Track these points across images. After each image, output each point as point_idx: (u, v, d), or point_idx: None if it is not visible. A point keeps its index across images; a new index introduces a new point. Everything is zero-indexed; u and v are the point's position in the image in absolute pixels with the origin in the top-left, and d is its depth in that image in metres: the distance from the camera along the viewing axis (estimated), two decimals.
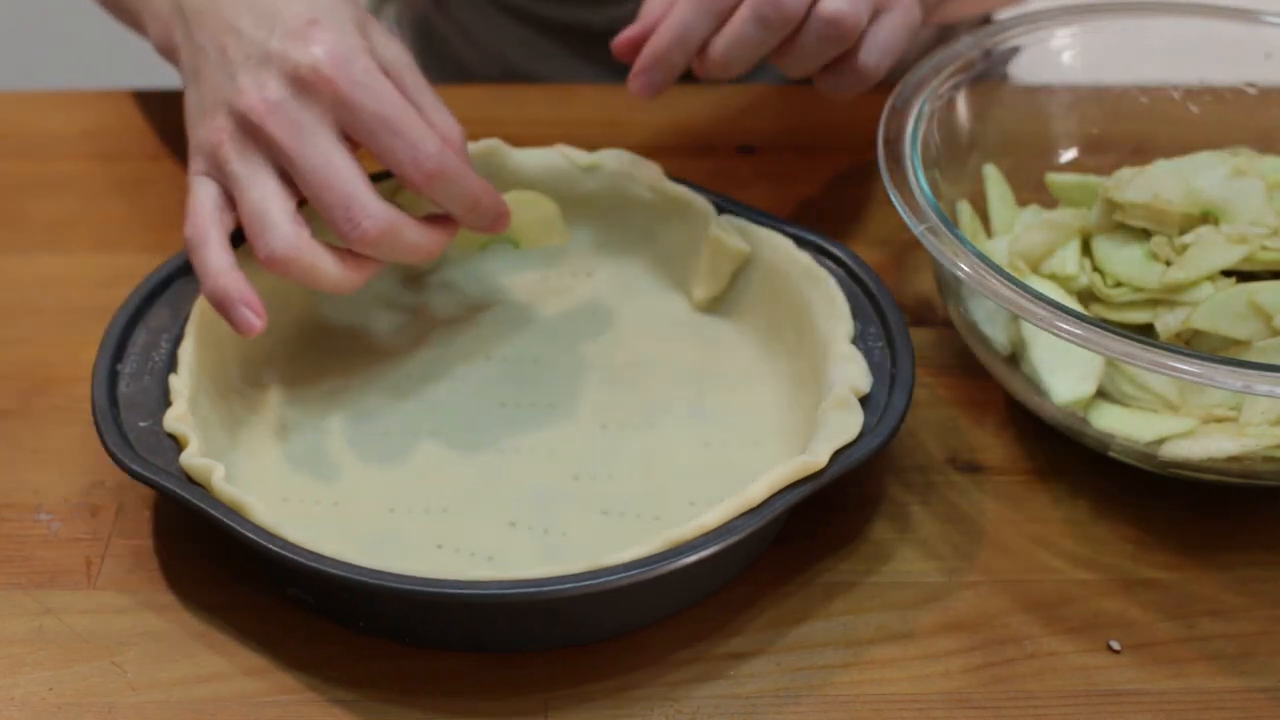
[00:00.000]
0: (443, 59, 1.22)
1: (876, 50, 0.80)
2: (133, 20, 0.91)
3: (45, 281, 0.88)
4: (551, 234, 0.86)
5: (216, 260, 0.74)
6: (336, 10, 0.77)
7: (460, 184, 0.76)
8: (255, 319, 0.73)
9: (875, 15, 0.80)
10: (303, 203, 0.75)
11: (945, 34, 1.15)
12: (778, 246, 0.81)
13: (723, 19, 0.79)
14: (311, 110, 0.74)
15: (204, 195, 0.76)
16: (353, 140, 0.75)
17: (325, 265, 0.74)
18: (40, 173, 0.96)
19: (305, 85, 0.74)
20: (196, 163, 0.77)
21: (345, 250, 0.75)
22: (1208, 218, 0.79)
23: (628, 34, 0.82)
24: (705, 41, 0.80)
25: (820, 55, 0.79)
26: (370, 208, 0.74)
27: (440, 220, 0.77)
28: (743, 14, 0.78)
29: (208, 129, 0.76)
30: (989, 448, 0.80)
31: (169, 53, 0.84)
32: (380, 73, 0.75)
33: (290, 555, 0.66)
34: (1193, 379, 0.68)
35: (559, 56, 1.15)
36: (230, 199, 0.76)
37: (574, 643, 0.70)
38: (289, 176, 0.75)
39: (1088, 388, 0.75)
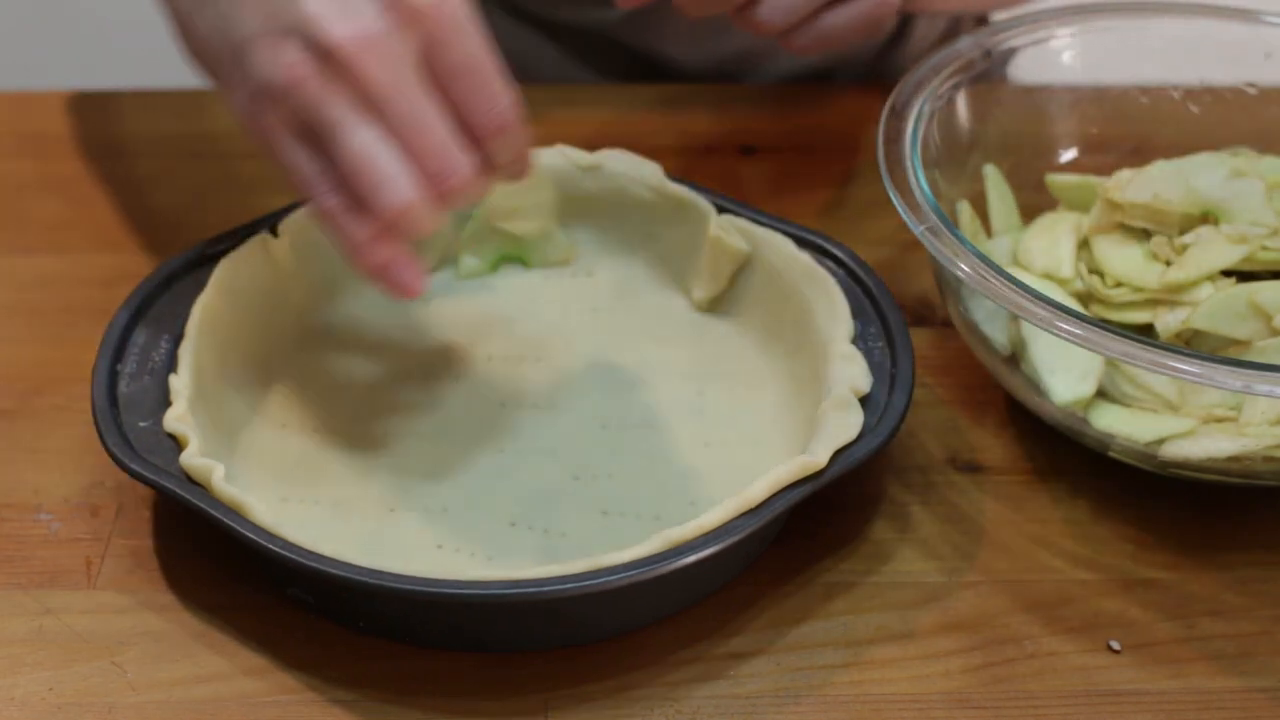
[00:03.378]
0: None
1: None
2: None
3: (45, 281, 0.88)
4: (558, 252, 0.86)
5: (365, 229, 0.67)
6: None
7: (518, 138, 0.69)
8: (418, 277, 0.68)
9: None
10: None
11: (947, 34, 1.15)
12: (778, 246, 0.81)
13: None
14: (405, 44, 0.65)
15: (298, 155, 0.67)
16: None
17: (431, 214, 0.67)
18: (41, 173, 0.96)
19: (406, 18, 0.65)
20: (261, 113, 0.67)
21: None
22: (1208, 218, 0.79)
23: None
24: None
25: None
26: (460, 156, 0.67)
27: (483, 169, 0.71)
28: None
29: (266, 64, 0.66)
30: (989, 448, 0.80)
31: None
32: (471, 9, 0.67)
33: (290, 555, 0.66)
34: (1193, 379, 0.68)
35: (559, 56, 1.15)
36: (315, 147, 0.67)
37: (574, 643, 0.70)
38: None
39: (1088, 388, 0.75)
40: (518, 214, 0.86)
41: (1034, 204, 0.86)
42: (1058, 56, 0.90)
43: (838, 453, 0.70)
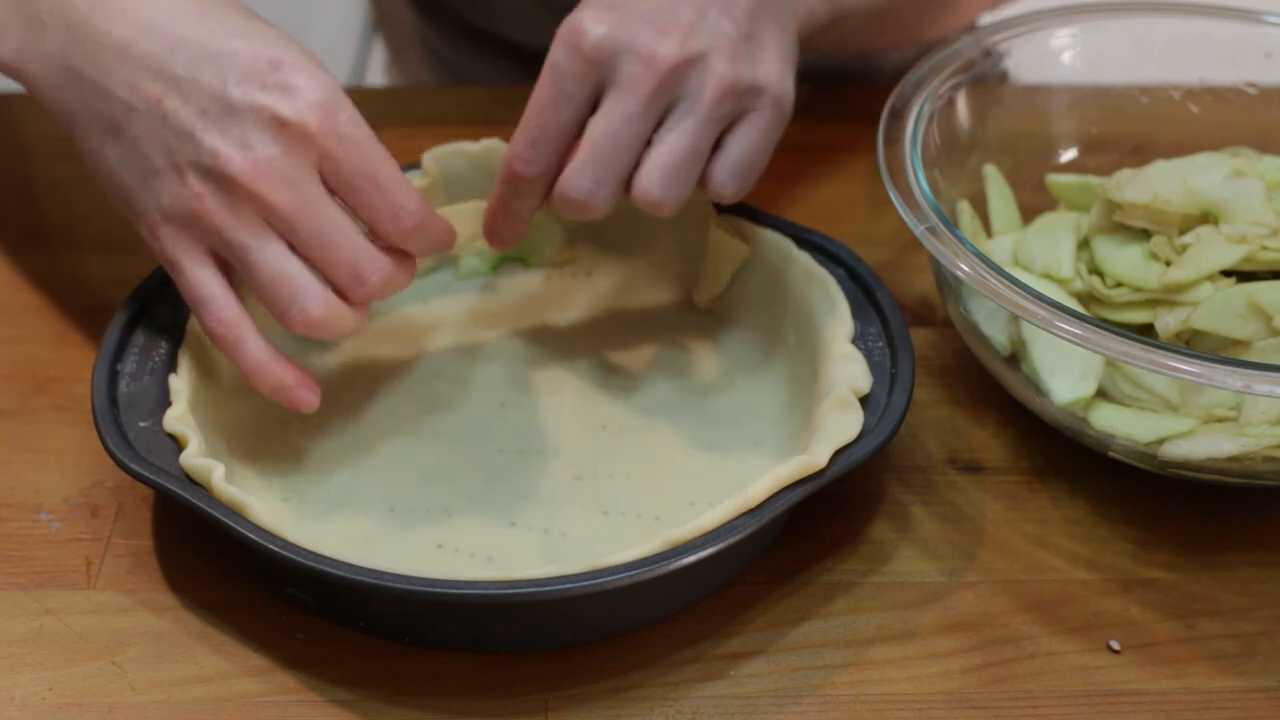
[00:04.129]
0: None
1: (726, 170, 0.75)
2: None
3: (46, 281, 0.88)
4: (558, 252, 0.86)
5: (261, 351, 0.71)
6: (288, 44, 0.71)
7: (431, 231, 0.73)
8: (315, 395, 0.73)
9: (732, 125, 0.75)
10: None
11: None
12: (778, 246, 0.81)
13: (538, 194, 0.77)
14: (301, 164, 0.69)
15: (207, 277, 0.71)
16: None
17: (348, 317, 0.72)
18: (41, 173, 0.96)
19: (293, 138, 0.69)
20: (169, 236, 0.71)
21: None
22: (1208, 218, 0.79)
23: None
24: (530, 210, 0.77)
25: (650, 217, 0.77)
26: (375, 260, 0.71)
27: (401, 252, 0.74)
28: (553, 200, 0.76)
29: (172, 195, 0.70)
30: (989, 448, 0.80)
31: (22, 76, 0.74)
32: (361, 119, 0.71)
33: (290, 555, 0.66)
34: (1193, 379, 0.68)
35: None
36: (225, 270, 0.71)
37: (574, 643, 0.70)
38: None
39: (1088, 388, 0.75)
40: (534, 249, 0.86)
41: (1034, 204, 0.86)
42: (1058, 56, 0.90)
43: (838, 453, 0.70)
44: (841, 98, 1.02)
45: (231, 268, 0.72)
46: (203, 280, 0.71)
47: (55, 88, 0.72)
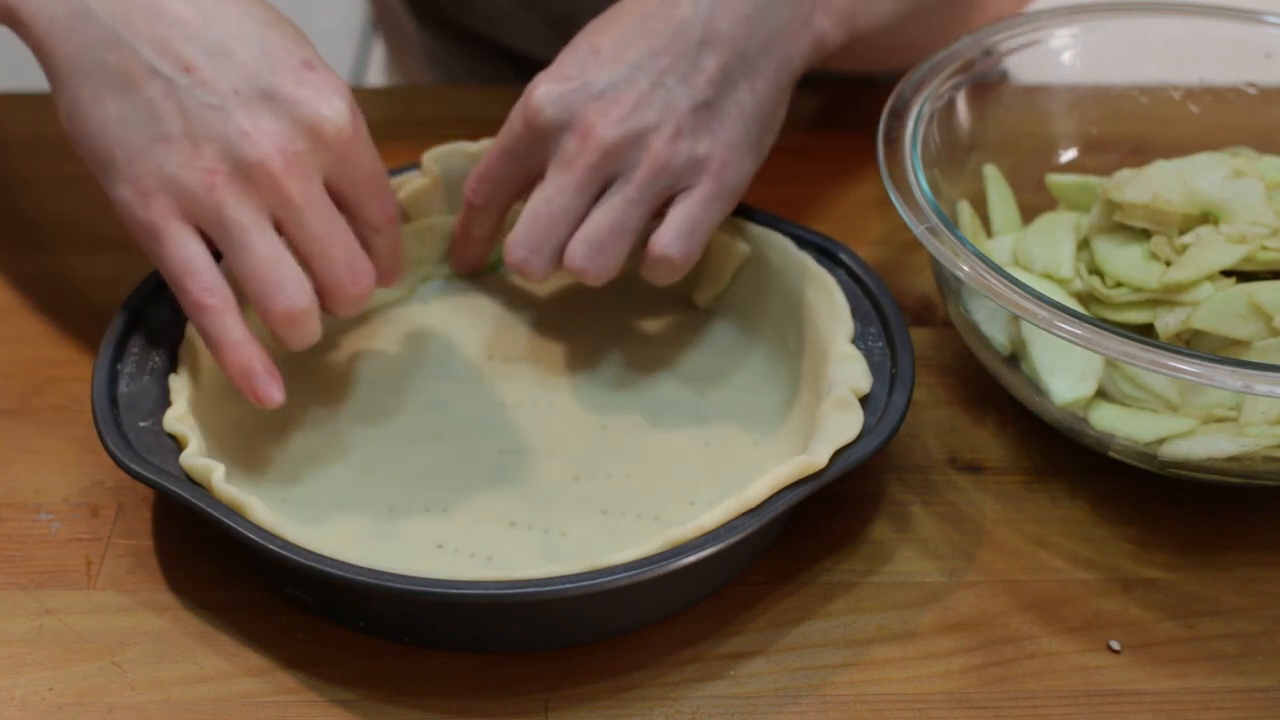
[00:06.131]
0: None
1: (668, 235, 0.77)
2: None
3: (45, 281, 0.88)
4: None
5: (237, 328, 0.71)
6: (310, 45, 0.73)
7: (395, 235, 0.77)
8: (279, 390, 0.72)
9: (674, 197, 0.77)
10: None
11: None
12: (778, 246, 0.81)
13: (497, 219, 0.82)
14: (319, 163, 0.71)
15: (194, 247, 0.70)
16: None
17: (317, 323, 0.73)
18: (42, 173, 0.96)
19: (320, 138, 0.71)
20: (162, 203, 0.70)
21: None
22: (1208, 218, 0.79)
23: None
24: (491, 230, 0.82)
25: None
26: (364, 266, 0.74)
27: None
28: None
29: (181, 164, 0.69)
30: (989, 448, 0.80)
31: (18, 12, 0.71)
32: (364, 124, 0.73)
33: (290, 555, 0.66)
34: (1193, 379, 0.68)
35: None
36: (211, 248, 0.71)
37: (574, 643, 0.70)
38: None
39: (1088, 388, 0.75)
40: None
41: (1034, 204, 0.86)
42: (1058, 56, 0.90)
43: (838, 453, 0.70)
44: (841, 99, 1.02)
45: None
46: (190, 251, 0.70)
47: (60, 26, 0.71)
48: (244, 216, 0.70)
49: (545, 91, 0.77)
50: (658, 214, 0.78)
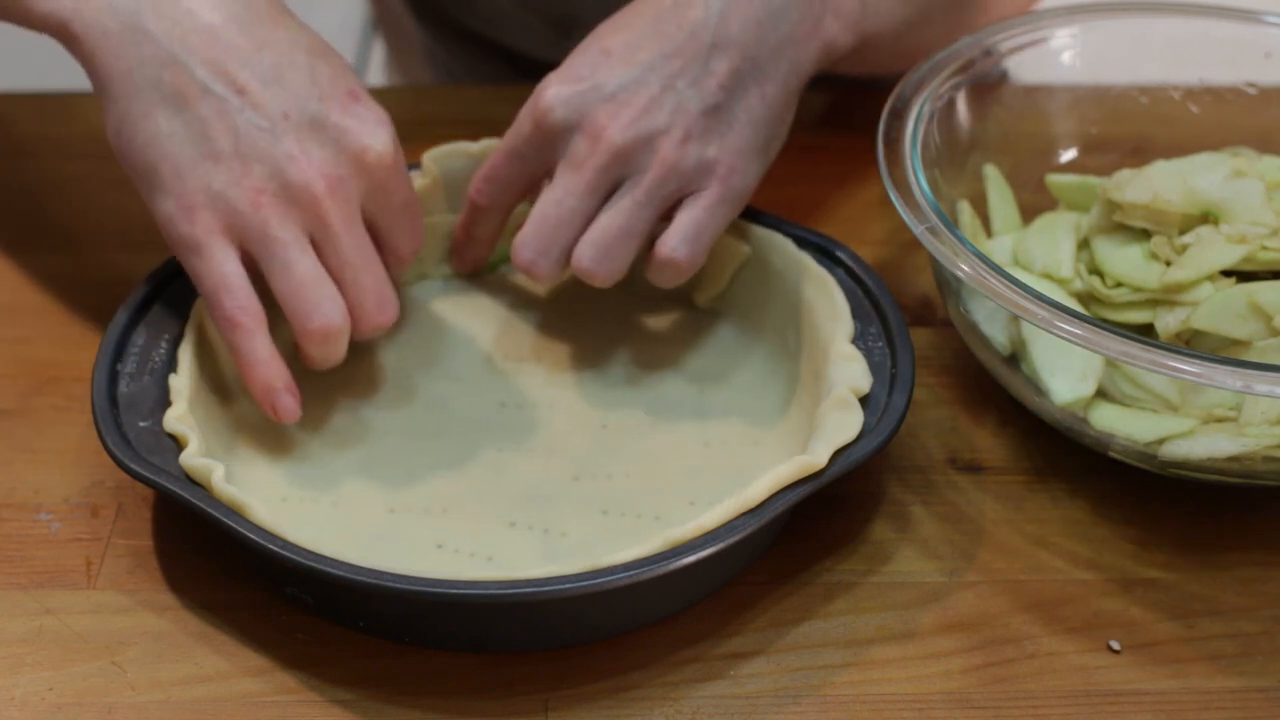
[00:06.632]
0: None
1: (674, 238, 0.77)
2: None
3: (46, 281, 0.88)
4: None
5: (266, 346, 0.73)
6: (354, 78, 0.75)
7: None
8: (298, 408, 0.74)
9: (681, 201, 0.78)
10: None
11: None
12: (778, 246, 0.81)
13: (501, 218, 0.82)
14: (358, 191, 0.73)
15: (233, 264, 0.72)
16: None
17: (345, 345, 0.75)
18: (42, 173, 0.96)
19: (363, 170, 0.73)
20: (206, 219, 0.72)
21: None
22: (1208, 218, 0.79)
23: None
24: (494, 230, 0.83)
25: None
26: (392, 295, 0.75)
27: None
28: None
29: (229, 182, 0.71)
30: (989, 448, 0.80)
31: (70, 27, 0.73)
32: (401, 153, 0.75)
33: (290, 555, 0.66)
34: (1193, 379, 0.68)
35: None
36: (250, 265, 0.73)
37: (574, 643, 0.70)
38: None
39: (1088, 388, 0.75)
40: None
41: (1034, 204, 0.86)
42: (1058, 56, 0.90)
43: (838, 453, 0.70)
44: (842, 99, 1.02)
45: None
46: (229, 268, 0.72)
47: (114, 42, 0.73)
48: (287, 235, 0.72)
49: (556, 92, 0.77)
50: (664, 217, 0.78)
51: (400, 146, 0.74)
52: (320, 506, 0.74)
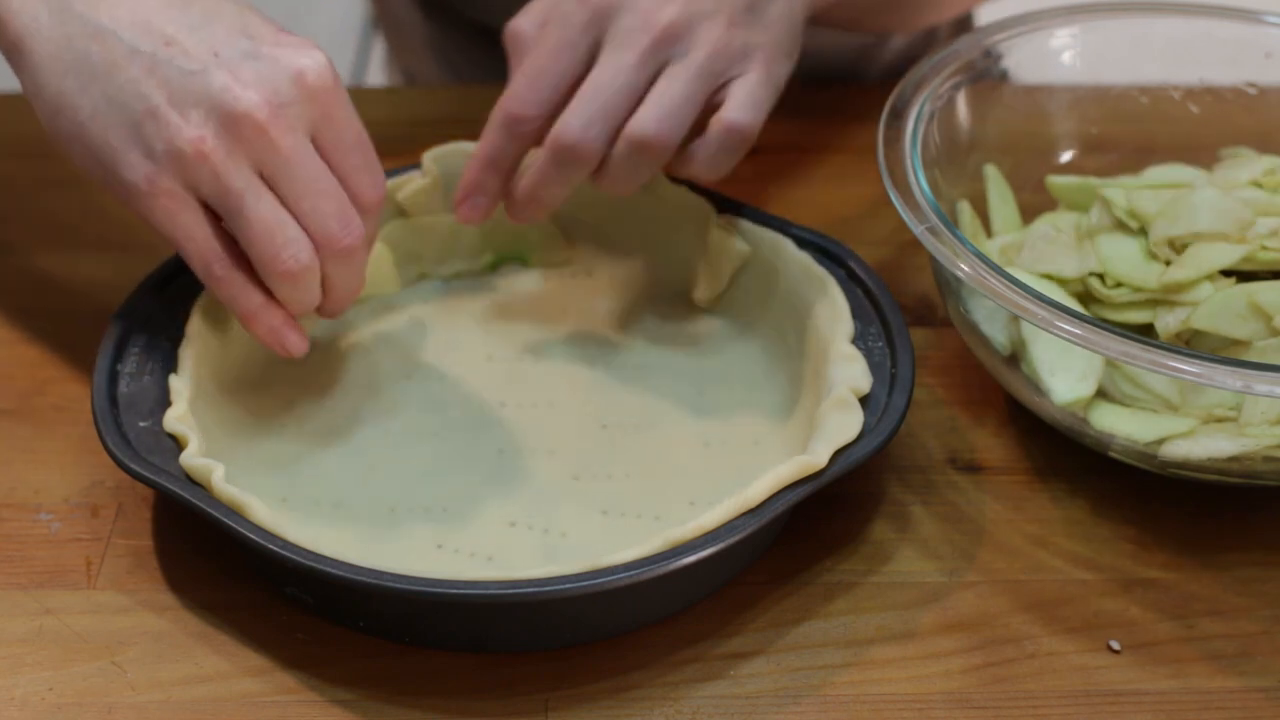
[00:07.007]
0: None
1: (734, 108, 0.78)
2: None
3: (46, 281, 0.88)
4: (558, 252, 0.86)
5: (255, 293, 0.73)
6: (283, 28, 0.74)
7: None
8: (305, 340, 0.75)
9: (726, 83, 0.78)
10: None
11: (928, 32, 1.14)
12: (778, 246, 0.81)
13: (528, 142, 0.80)
14: (305, 118, 0.71)
15: (201, 226, 0.71)
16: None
17: (317, 280, 0.73)
18: (42, 173, 0.96)
19: (305, 93, 0.70)
20: (164, 182, 0.70)
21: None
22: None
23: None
24: (515, 162, 0.80)
25: (636, 175, 0.78)
26: (356, 217, 0.73)
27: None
28: (542, 154, 0.78)
29: (169, 137, 0.69)
30: (989, 448, 0.80)
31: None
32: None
33: (290, 555, 0.66)
34: (1193, 379, 0.68)
35: None
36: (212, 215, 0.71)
37: (574, 643, 0.70)
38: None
39: (1088, 388, 0.75)
40: (533, 247, 0.86)
41: (1034, 204, 0.86)
42: (1058, 56, 0.90)
43: (838, 453, 0.70)
44: (832, 97, 1.02)
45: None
46: (200, 230, 0.71)
47: (41, 25, 0.71)
48: (239, 182, 0.70)
49: None
50: (707, 105, 0.78)
51: (339, 74, 0.72)
52: (320, 506, 0.74)
